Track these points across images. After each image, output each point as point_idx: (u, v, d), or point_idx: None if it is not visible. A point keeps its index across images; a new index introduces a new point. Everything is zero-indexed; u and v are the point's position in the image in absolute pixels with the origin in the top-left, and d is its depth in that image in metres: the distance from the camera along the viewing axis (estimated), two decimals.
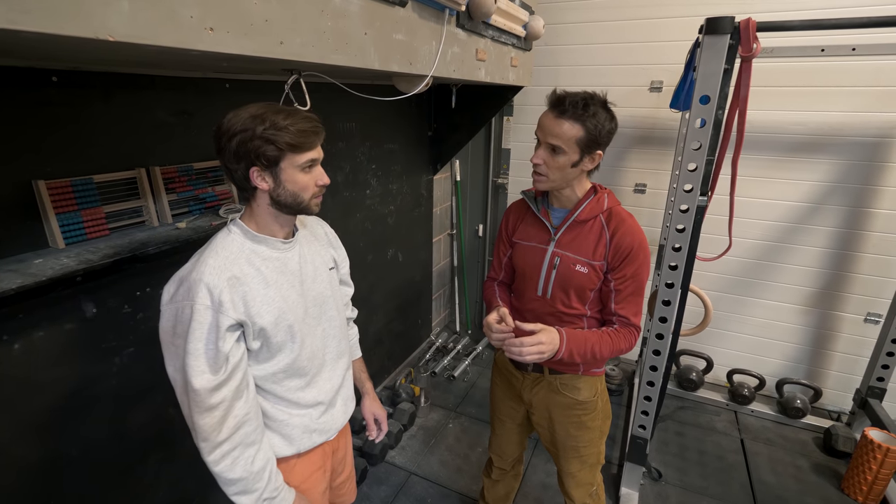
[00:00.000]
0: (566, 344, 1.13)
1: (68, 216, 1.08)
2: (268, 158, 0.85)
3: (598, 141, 1.10)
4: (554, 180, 1.16)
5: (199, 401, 0.84)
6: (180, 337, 0.84)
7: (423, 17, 1.32)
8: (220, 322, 0.84)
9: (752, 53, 1.42)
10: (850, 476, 2.06)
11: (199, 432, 0.87)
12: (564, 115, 1.08)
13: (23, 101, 0.99)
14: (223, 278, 0.85)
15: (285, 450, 1.04)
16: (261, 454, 0.94)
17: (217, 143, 0.87)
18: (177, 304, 0.86)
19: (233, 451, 0.89)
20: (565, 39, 2.64)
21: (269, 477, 0.95)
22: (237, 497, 0.93)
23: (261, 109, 0.85)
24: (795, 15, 1.61)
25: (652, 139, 2.62)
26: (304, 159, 0.89)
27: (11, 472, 1.08)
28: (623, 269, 1.18)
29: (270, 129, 0.83)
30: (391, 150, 2.38)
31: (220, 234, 0.93)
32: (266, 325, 0.91)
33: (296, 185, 0.90)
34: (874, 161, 2.23)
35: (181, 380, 0.86)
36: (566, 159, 1.11)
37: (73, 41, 0.59)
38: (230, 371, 0.87)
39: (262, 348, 0.95)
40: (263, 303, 0.91)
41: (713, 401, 2.70)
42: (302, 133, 0.86)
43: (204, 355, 0.84)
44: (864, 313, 2.43)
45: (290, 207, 0.93)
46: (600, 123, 1.09)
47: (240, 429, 0.90)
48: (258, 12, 0.82)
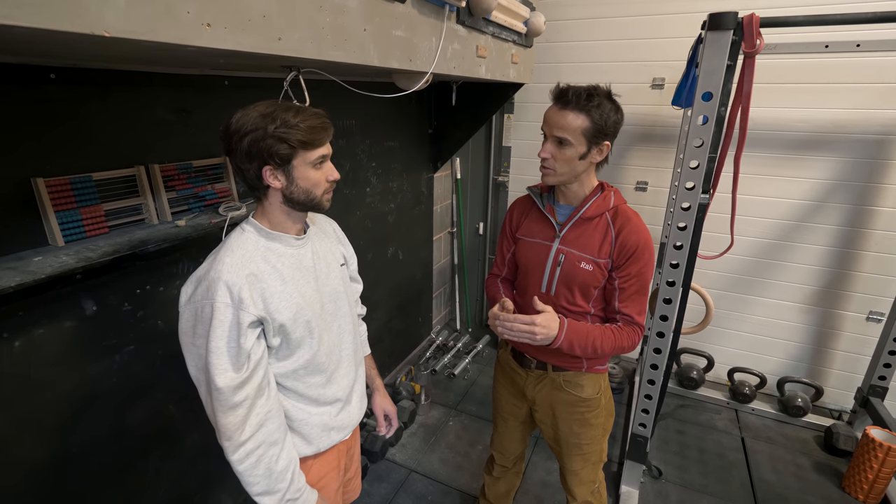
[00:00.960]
0: (565, 333, 1.12)
1: (67, 214, 1.08)
2: (280, 157, 0.85)
3: (604, 131, 1.10)
4: (562, 174, 1.15)
5: (223, 399, 0.84)
6: (201, 336, 0.84)
7: (423, 13, 1.31)
8: (242, 319, 0.84)
9: (755, 50, 1.40)
10: (851, 475, 2.06)
11: (222, 431, 0.87)
12: (568, 107, 1.08)
13: (21, 98, 0.99)
14: (241, 275, 0.86)
15: (305, 449, 1.04)
16: (284, 454, 0.94)
17: (227, 143, 0.87)
18: (196, 303, 0.85)
19: (256, 450, 0.89)
20: (567, 36, 2.63)
21: (292, 477, 0.95)
22: (260, 497, 0.92)
23: (270, 108, 0.85)
24: (799, 10, 1.60)
25: (654, 136, 2.60)
26: (315, 156, 0.89)
27: (13, 469, 1.09)
28: (628, 268, 1.17)
29: (282, 127, 0.83)
30: (391, 147, 2.37)
31: (234, 233, 0.93)
32: (285, 321, 0.91)
33: (308, 182, 0.90)
34: (878, 158, 2.22)
35: (204, 379, 0.86)
36: (573, 151, 1.11)
37: (68, 37, 0.59)
38: (252, 368, 0.87)
39: (282, 345, 0.95)
40: (282, 299, 0.91)
41: (714, 399, 2.70)
42: (313, 130, 0.86)
43: (226, 353, 0.84)
44: (867, 312, 2.42)
45: (302, 204, 0.93)
46: (605, 114, 1.09)
47: (262, 427, 0.90)
48: (256, 8, 0.81)
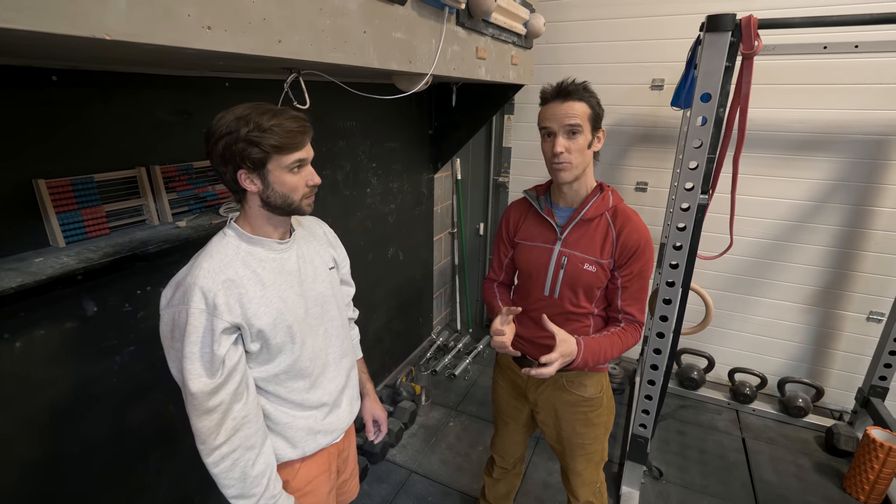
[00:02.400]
0: (582, 355, 1.14)
1: (69, 215, 1.08)
2: (253, 161, 0.84)
3: (600, 118, 1.15)
4: (578, 165, 1.14)
5: (197, 404, 0.85)
6: (178, 340, 0.85)
7: (423, 15, 1.32)
8: (215, 325, 0.84)
9: (753, 51, 1.41)
10: (852, 475, 2.05)
11: (197, 434, 0.87)
12: (571, 97, 1.11)
13: (23, 100, 1.00)
14: (218, 281, 0.85)
15: (289, 453, 1.03)
16: (261, 459, 0.94)
17: (206, 145, 0.87)
18: (173, 308, 0.86)
19: (232, 454, 0.89)
20: (566, 37, 2.63)
21: (267, 483, 0.95)
22: (235, 500, 0.93)
23: (246, 111, 0.83)
24: (797, 12, 1.60)
25: (653, 137, 2.61)
26: (291, 160, 0.87)
27: (13, 470, 1.09)
28: (630, 267, 1.18)
29: (255, 130, 0.82)
30: (392, 148, 2.37)
31: (216, 238, 0.93)
32: (264, 326, 0.91)
33: (284, 187, 0.88)
34: (877, 159, 2.22)
35: (182, 382, 0.86)
36: (584, 139, 1.13)
37: (68, 40, 0.59)
38: (227, 374, 0.87)
39: (262, 350, 0.94)
40: (260, 304, 0.90)
41: (714, 399, 2.69)
42: (288, 133, 0.84)
43: (199, 359, 0.84)
44: (867, 312, 2.42)
45: (280, 209, 0.92)
46: (597, 102, 1.15)
47: (238, 431, 0.90)
48: (256, 10, 0.82)
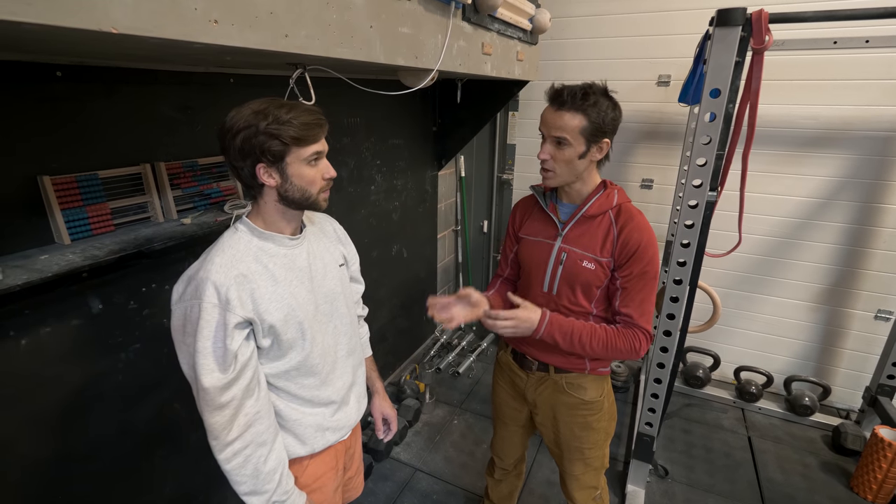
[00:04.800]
0: (546, 325, 1.14)
1: (73, 212, 1.08)
2: (273, 154, 0.85)
3: (602, 129, 1.10)
4: (562, 174, 1.15)
5: (209, 399, 0.85)
6: (190, 335, 0.85)
7: (429, 10, 1.30)
8: (228, 320, 0.84)
9: (764, 45, 1.39)
10: (860, 474, 2.04)
11: (209, 430, 0.87)
12: (564, 107, 1.08)
13: (27, 95, 0.99)
14: (230, 276, 0.85)
15: (299, 450, 1.03)
16: (273, 455, 0.94)
17: (222, 141, 0.87)
18: (185, 303, 0.86)
19: (244, 450, 0.89)
20: (572, 33, 2.61)
21: (280, 479, 0.95)
22: (247, 497, 0.92)
23: (263, 105, 0.85)
24: (808, 6, 1.57)
25: (659, 134, 2.59)
26: (309, 152, 0.88)
27: (18, 467, 1.09)
28: (629, 267, 1.16)
29: (273, 123, 0.83)
30: (396, 145, 2.36)
31: (227, 233, 0.93)
32: (275, 322, 0.91)
33: (303, 180, 0.89)
34: (886, 156, 2.19)
35: (194, 378, 0.86)
36: (572, 151, 1.11)
37: (76, 33, 0.58)
38: (239, 369, 0.87)
39: (273, 346, 0.94)
40: (272, 300, 0.90)
41: (720, 398, 2.68)
42: (305, 126, 0.86)
43: (212, 354, 0.84)
44: (875, 310, 2.40)
45: (297, 203, 0.92)
46: (603, 111, 1.08)
47: (251, 427, 0.90)
48: (263, 4, 0.81)
